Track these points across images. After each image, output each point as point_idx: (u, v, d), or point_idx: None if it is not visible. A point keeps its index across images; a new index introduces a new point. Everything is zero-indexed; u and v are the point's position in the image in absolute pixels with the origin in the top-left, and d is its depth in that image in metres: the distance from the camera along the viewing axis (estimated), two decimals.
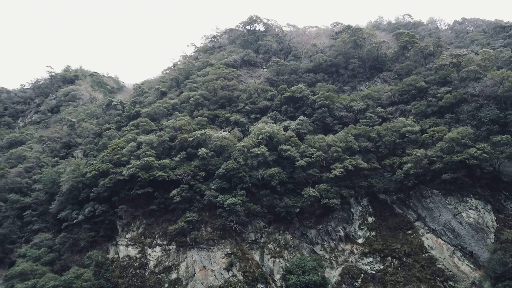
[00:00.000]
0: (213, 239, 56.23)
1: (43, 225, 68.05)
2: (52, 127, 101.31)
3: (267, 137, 65.16)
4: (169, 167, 62.95)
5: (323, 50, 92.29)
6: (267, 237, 57.92)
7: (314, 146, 64.35)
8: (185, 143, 67.07)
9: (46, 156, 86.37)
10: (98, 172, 63.98)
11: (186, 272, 54.07)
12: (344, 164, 60.43)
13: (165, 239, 57.68)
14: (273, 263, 55.00)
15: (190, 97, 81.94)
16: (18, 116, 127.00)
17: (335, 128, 70.55)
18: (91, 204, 62.45)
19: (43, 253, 59.39)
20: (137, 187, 61.12)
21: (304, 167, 61.66)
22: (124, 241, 59.34)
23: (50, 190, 71.40)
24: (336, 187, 59.76)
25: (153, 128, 75.59)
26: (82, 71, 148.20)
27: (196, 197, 60.19)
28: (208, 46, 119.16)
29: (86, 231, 60.82)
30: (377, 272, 53.17)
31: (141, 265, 56.13)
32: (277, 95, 79.71)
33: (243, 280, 52.24)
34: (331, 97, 73.77)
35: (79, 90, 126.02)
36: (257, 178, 61.53)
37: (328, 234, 58.55)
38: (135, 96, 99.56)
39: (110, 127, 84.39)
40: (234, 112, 78.61)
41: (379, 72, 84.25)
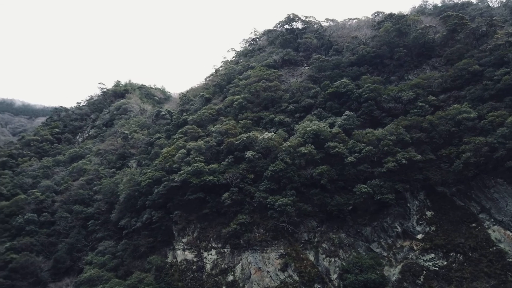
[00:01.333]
0: (266, 240, 56.39)
1: (105, 233, 72.09)
2: (107, 140, 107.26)
3: (313, 135, 64.29)
4: (218, 171, 64.13)
5: (366, 41, 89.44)
6: (320, 237, 57.08)
7: (363, 141, 62.49)
8: (232, 147, 67.99)
9: (104, 168, 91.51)
10: (152, 180, 66.67)
11: (242, 274, 54.67)
12: (397, 157, 58.07)
13: (219, 242, 58.77)
14: (329, 262, 54.05)
15: (234, 101, 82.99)
16: (76, 132, 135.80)
17: (384, 121, 68.00)
18: (147, 211, 65.21)
19: (107, 259, 62.90)
20: (189, 193, 62.89)
21: (354, 163, 60.07)
22: (180, 245, 61.24)
23: (109, 200, 75.53)
24: (390, 182, 57.53)
25: (201, 134, 77.44)
26: (131, 85, 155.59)
27: (246, 200, 60.76)
28: (248, 49, 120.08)
29: (145, 237, 63.57)
30: (440, 268, 50.43)
31: (198, 268, 57.59)
32: (321, 92, 78.43)
33: (299, 280, 51.86)
34: (377, 89, 71.27)
35: (129, 103, 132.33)
36: (305, 177, 60.87)
37: (385, 230, 56.49)
38: (182, 105, 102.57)
39: (160, 136, 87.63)
40: (278, 113, 78.46)
41: (427, 59, 80.00)
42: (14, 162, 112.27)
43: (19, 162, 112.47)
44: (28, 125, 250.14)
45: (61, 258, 71.00)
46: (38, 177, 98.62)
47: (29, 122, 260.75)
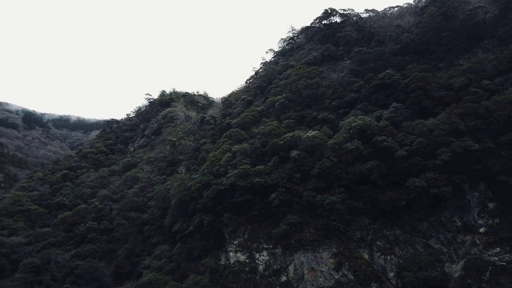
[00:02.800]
0: (317, 239, 55.62)
1: (160, 237, 74.81)
2: (156, 148, 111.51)
3: (359, 130, 62.55)
4: (264, 172, 64.34)
5: (409, 29, 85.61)
6: (374, 234, 55.31)
7: (413, 133, 59.76)
8: (277, 147, 67.90)
9: (155, 175, 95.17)
10: (201, 184, 68.26)
11: (295, 274, 54.31)
12: (451, 147, 54.88)
13: (270, 242, 58.84)
14: (385, 260, 52.21)
15: (275, 102, 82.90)
16: (128, 142, 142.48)
17: (434, 110, 64.54)
18: (198, 215, 66.81)
19: (164, 263, 65.19)
20: (237, 195, 63.65)
21: (405, 156, 57.58)
22: (232, 247, 62.06)
23: (162, 206, 78.32)
24: (446, 174, 54.45)
25: (245, 136, 78.14)
26: (176, 93, 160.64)
27: (294, 199, 60.36)
28: (286, 48, 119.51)
29: (197, 241, 65.17)
30: (508, 263, 46.85)
31: (251, 269, 58.00)
32: (364, 85, 76.13)
33: (355, 279, 50.57)
34: (425, 77, 67.87)
35: (175, 111, 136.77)
36: (354, 174, 59.30)
37: (443, 225, 53.56)
38: (224, 109, 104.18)
39: (206, 141, 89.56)
40: (321, 110, 77.23)
41: (478, 42, 74.95)
42: (73, 174, 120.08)
43: (78, 173, 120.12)
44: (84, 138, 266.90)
45: (121, 263, 74.65)
46: (95, 187, 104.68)
47: (84, 135, 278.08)
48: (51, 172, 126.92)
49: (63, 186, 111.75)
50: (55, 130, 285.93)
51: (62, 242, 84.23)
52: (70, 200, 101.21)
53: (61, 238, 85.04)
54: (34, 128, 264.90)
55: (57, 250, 79.66)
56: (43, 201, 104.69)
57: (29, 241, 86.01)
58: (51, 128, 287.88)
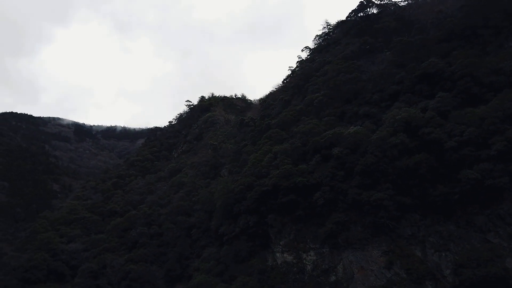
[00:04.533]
0: (366, 238, 54.14)
1: (208, 240, 76.27)
2: (199, 153, 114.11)
3: (404, 123, 60.10)
4: (307, 171, 63.64)
5: (452, 14, 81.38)
6: (425, 230, 52.89)
7: (463, 123, 56.46)
8: (318, 146, 66.93)
9: (199, 179, 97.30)
10: (244, 186, 68.81)
11: (344, 274, 53.23)
12: (506, 135, 51.28)
13: (317, 242, 58.07)
14: (439, 257, 49.78)
15: (314, 100, 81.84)
16: (171, 148, 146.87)
17: (485, 97, 60.59)
18: (243, 217, 67.32)
19: (212, 266, 66.35)
20: (281, 196, 63.40)
21: (455, 148, 54.54)
22: (278, 248, 61.92)
23: (208, 209, 79.81)
24: (501, 164, 50.96)
25: (284, 136, 77.81)
26: (215, 98, 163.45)
27: (339, 198, 59.14)
28: (322, 44, 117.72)
29: (244, 242, 65.65)
30: None
31: (299, 269, 57.56)
32: (407, 76, 73.09)
33: (408, 278, 48.66)
34: (473, 63, 63.98)
35: (215, 116, 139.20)
36: (401, 168, 57.02)
37: (501, 218, 50.13)
38: (263, 110, 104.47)
39: (246, 143, 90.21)
40: (362, 105, 75.16)
41: None
42: (123, 182, 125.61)
43: (127, 181, 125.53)
44: (130, 147, 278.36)
45: (171, 266, 76.90)
46: (144, 193, 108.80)
47: (130, 144, 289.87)
48: (102, 181, 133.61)
49: (114, 193, 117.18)
50: (103, 141, 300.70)
51: (116, 247, 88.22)
52: (121, 207, 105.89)
53: (115, 244, 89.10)
54: (84, 140, 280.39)
55: (112, 255, 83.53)
56: (97, 208, 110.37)
57: (86, 247, 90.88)
58: (100, 139, 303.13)
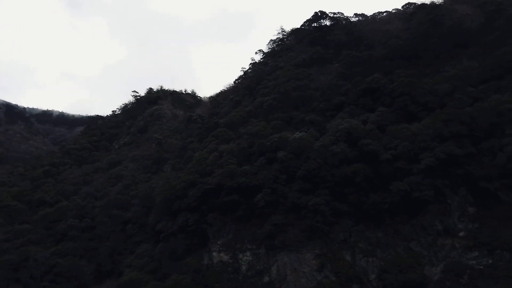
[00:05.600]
0: (301, 241, 55.79)
1: (143, 236, 73.96)
2: (142, 146, 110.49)
3: (345, 133, 63.03)
4: (250, 173, 64.26)
5: (398, 34, 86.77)
6: (357, 236, 55.76)
7: (398, 137, 60.52)
8: (264, 148, 67.92)
9: (140, 173, 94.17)
10: (186, 183, 67.80)
11: (278, 275, 54.36)
12: (435, 152, 55.76)
13: (254, 243, 58.74)
14: (366, 262, 52.69)
15: (264, 103, 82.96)
16: (113, 139, 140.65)
17: (419, 115, 65.45)
18: (183, 214, 66.27)
19: (146, 262, 64.44)
20: (223, 195, 63.42)
21: (390, 160, 58.26)
22: (216, 247, 61.75)
23: (146, 204, 77.49)
24: (428, 178, 55.30)
25: (232, 136, 77.95)
26: (163, 91, 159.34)
27: (279, 200, 60.42)
28: (276, 49, 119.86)
29: (181, 240, 64.60)
30: (485, 267, 47.77)
31: (234, 269, 57.81)
32: (352, 89, 76.80)
33: (337, 281, 50.89)
34: (411, 83, 68.77)
35: (162, 109, 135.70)
36: (339, 176, 59.71)
37: (424, 229, 54.32)
38: (212, 108, 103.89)
39: (193, 140, 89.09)
40: (309, 112, 77.59)
41: (464, 49, 76.46)
42: (56, 170, 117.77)
43: (60, 170, 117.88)
44: (67, 134, 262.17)
45: (102, 261, 73.49)
46: (78, 184, 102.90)
47: (68, 131, 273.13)
48: (32, 168, 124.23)
49: (45, 182, 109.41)
50: (38, 125, 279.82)
51: (42, 239, 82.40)
52: (51, 197, 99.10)
53: (41, 235, 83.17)
54: (16, 123, 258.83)
55: (37, 248, 77.91)
56: (23, 197, 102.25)
57: (7, 237, 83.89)
58: (34, 123, 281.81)
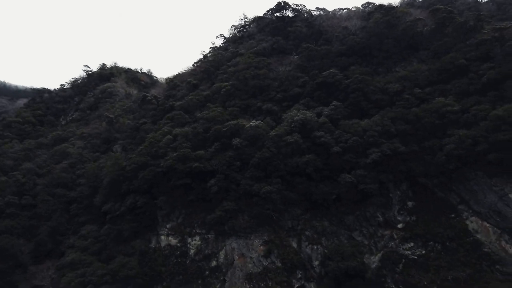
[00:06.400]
0: (251, 227, 56.87)
1: (88, 217, 71.42)
2: (92, 124, 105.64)
3: (300, 124, 64.56)
4: (204, 158, 64.01)
5: (355, 32, 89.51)
6: (304, 224, 57.84)
7: (349, 131, 63.10)
8: (219, 134, 67.80)
9: (88, 152, 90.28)
10: (137, 165, 66.15)
11: (225, 260, 55.13)
12: (381, 148, 58.91)
13: (204, 228, 58.99)
14: (311, 249, 54.92)
15: (222, 88, 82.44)
16: (60, 114, 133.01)
17: (370, 112, 68.59)
18: (132, 196, 64.78)
19: (90, 243, 62.47)
20: (175, 179, 62.71)
21: (340, 153, 60.71)
22: (164, 231, 61.25)
23: (93, 184, 74.69)
24: (374, 172, 58.43)
25: (187, 120, 76.88)
26: (117, 68, 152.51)
27: (232, 187, 60.93)
28: (237, 36, 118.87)
29: (129, 222, 63.23)
30: (419, 257, 51.81)
31: (182, 253, 57.80)
32: (309, 82, 78.47)
33: (282, 267, 52.62)
34: (365, 80, 71.69)
35: (115, 87, 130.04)
36: (291, 165, 61.26)
37: (367, 220, 57.57)
38: (168, 90, 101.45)
39: (146, 121, 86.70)
40: (266, 101, 78.32)
41: (415, 52, 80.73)
42: None
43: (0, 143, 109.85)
44: (9, 106, 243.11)
45: (42, 241, 70.11)
46: (19, 159, 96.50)
47: (10, 103, 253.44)
48: None
49: None
50: None
51: None
52: None
53: None
54: None
55: None
56: None
57: None
58: None
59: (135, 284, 54.42)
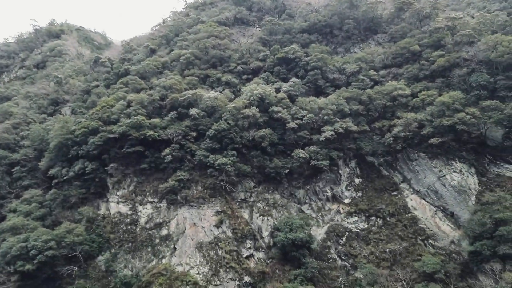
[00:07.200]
0: (204, 197, 57.23)
1: (33, 181, 68.21)
2: (38, 83, 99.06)
3: (258, 99, 64.74)
4: (159, 126, 62.67)
5: (318, 9, 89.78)
6: (256, 197, 59.17)
7: (306, 109, 64.35)
8: (176, 103, 66.38)
9: (33, 113, 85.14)
10: (87, 129, 63.47)
11: (176, 229, 55.40)
12: (335, 126, 60.84)
13: (156, 197, 58.52)
14: (262, 221, 56.58)
15: (181, 56, 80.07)
16: (2, 71, 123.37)
17: (327, 91, 70.23)
18: (81, 162, 62.41)
19: (33, 208, 59.93)
20: (127, 146, 61.07)
21: (295, 129, 61.97)
22: (115, 198, 60.05)
23: (38, 147, 70.98)
24: (326, 149, 60.48)
25: (143, 86, 74.33)
26: (68, 26, 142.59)
27: (187, 157, 60.54)
28: (199, 2, 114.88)
29: (76, 188, 61.21)
30: (361, 230, 55.23)
31: (132, 221, 57.25)
32: (270, 56, 78.31)
33: (232, 236, 53.89)
34: (324, 58, 72.78)
35: (65, 45, 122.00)
36: (247, 139, 61.77)
37: (316, 194, 60.01)
38: (124, 53, 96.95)
39: (99, 84, 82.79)
40: (226, 72, 77.39)
41: (373, 34, 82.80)
42: None
43: None
44: None
45: None
46: None
47: None
48: None
49: None
50: None
51: None
52: None
53: None
54: None
55: None
56: None
57: None
58: None
59: (82, 250, 53.42)
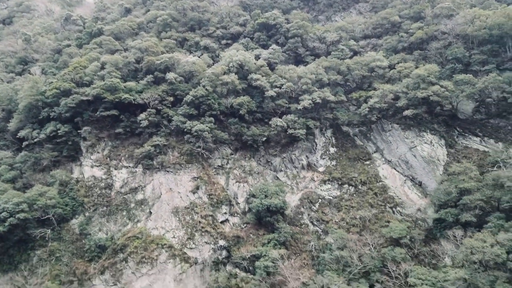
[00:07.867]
0: (180, 163, 57.15)
1: (1, 143, 65.96)
2: (5, 40, 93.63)
3: (237, 65, 63.80)
4: (135, 90, 61.11)
5: None
6: (233, 163, 59.61)
7: (285, 77, 64.04)
8: (152, 66, 64.57)
9: (0, 72, 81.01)
10: (59, 91, 61.20)
11: (152, 194, 55.46)
12: (313, 96, 61.10)
13: (131, 161, 57.95)
14: (238, 187, 57.35)
15: (158, 17, 77.16)
16: None
17: (306, 60, 69.95)
18: (52, 124, 60.53)
19: (3, 170, 58.26)
20: (102, 109, 59.52)
21: (274, 97, 61.88)
22: (89, 162, 59.07)
23: (7, 108, 68.13)
24: (303, 118, 61.00)
25: (118, 48, 71.67)
26: None
27: (163, 122, 59.73)
28: None
29: (48, 151, 59.67)
30: (333, 198, 56.99)
31: (107, 185, 56.78)
32: (250, 21, 76.68)
33: (208, 202, 54.54)
34: (305, 26, 71.89)
35: (33, 0, 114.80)
36: (226, 106, 61.34)
37: (292, 162, 61.00)
38: (97, 12, 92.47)
39: (70, 44, 79.20)
40: (204, 36, 75.44)
41: (355, 3, 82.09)
42: None
43: None
44: None
45: None
46: None
47: None
48: None
49: None
50: None
51: None
52: None
53: None
54: None
55: None
56: None
57: None
58: None
59: (55, 213, 52.88)
